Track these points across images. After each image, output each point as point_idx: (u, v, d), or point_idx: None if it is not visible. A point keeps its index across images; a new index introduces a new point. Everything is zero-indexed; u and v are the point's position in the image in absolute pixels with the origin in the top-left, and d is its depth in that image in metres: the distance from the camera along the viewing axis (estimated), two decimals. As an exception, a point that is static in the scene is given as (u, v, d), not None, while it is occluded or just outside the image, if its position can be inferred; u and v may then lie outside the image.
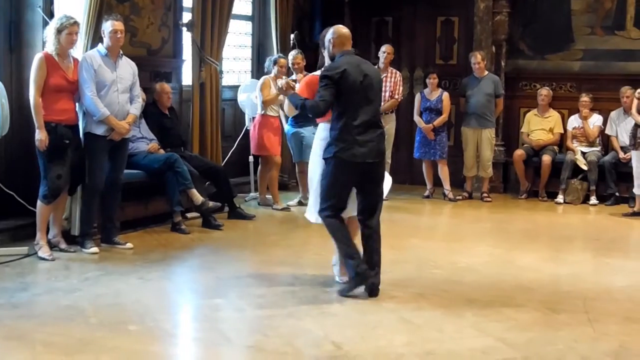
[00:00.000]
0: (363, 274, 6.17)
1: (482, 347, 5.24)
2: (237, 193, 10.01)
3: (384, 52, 11.04)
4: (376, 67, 10.89)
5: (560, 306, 6.19)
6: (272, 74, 10.13)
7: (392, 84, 10.98)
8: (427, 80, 11.35)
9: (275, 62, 10.16)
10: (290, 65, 10.35)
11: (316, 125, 9.89)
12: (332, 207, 6.28)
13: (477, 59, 11.14)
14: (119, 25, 7.57)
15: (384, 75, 10.98)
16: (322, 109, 6.22)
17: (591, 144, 11.26)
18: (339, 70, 6.15)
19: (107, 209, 7.85)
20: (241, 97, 10.66)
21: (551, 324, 5.77)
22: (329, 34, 6.40)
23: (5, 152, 7.98)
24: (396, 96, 10.99)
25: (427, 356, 5.06)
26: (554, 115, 11.55)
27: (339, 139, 6.18)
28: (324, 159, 6.28)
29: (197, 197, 8.64)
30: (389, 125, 11.01)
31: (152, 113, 9.12)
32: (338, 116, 6.22)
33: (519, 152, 11.37)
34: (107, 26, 7.53)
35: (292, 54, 10.48)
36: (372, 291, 6.26)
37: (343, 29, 6.42)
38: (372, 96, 6.29)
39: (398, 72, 11.22)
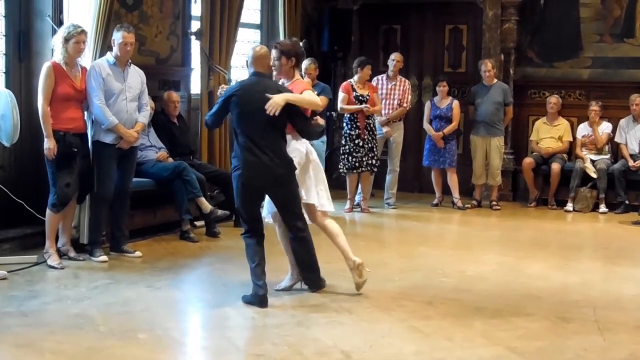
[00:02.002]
0: (262, 298, 6.22)
1: (491, 356, 5.23)
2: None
3: (393, 60, 11.05)
4: (385, 75, 11.02)
5: (570, 315, 6.17)
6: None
7: (400, 92, 10.98)
8: (437, 88, 11.34)
9: None
10: (302, 73, 10.32)
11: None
12: (248, 229, 6.43)
13: (487, 66, 11.14)
14: (130, 38, 7.58)
15: (393, 83, 11.00)
16: (209, 123, 6.66)
17: (600, 151, 11.24)
18: (231, 93, 6.36)
19: (116, 217, 7.87)
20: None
21: (561, 333, 5.75)
22: (248, 53, 6.54)
23: (14, 161, 8.01)
24: (404, 104, 10.99)
25: (436, 365, 5.07)
26: (563, 123, 11.53)
27: (235, 156, 6.40)
28: None
29: (206, 205, 8.65)
30: (397, 133, 11.03)
31: (160, 121, 9.14)
32: (234, 136, 6.44)
33: (528, 160, 11.35)
34: (118, 37, 7.55)
35: (305, 62, 10.47)
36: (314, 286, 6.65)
37: (260, 51, 6.51)
38: (266, 119, 6.24)
39: (407, 80, 11.22)
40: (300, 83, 6.63)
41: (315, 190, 6.62)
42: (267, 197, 6.60)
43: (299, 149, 6.54)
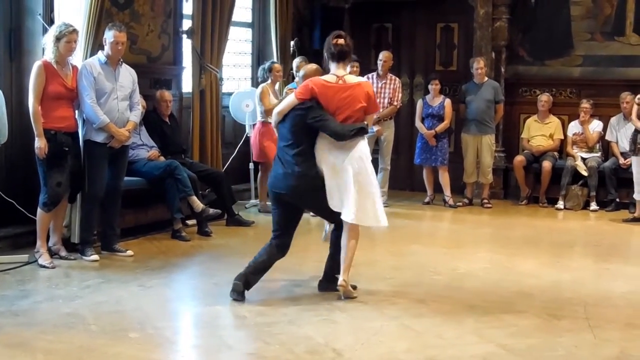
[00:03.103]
0: (235, 291, 6.33)
1: (483, 353, 5.24)
2: (237, 200, 10.02)
3: (381, 60, 11.04)
4: (375, 73, 11.02)
5: (561, 312, 6.19)
6: (269, 81, 10.14)
7: (391, 90, 10.98)
8: (430, 86, 11.35)
9: (270, 70, 10.15)
10: (294, 71, 10.31)
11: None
12: (274, 235, 6.50)
13: (480, 64, 11.15)
14: (121, 37, 7.56)
15: (383, 82, 10.98)
16: None
17: (591, 149, 11.27)
18: None
19: (107, 216, 7.85)
20: (247, 109, 10.57)
21: (552, 330, 5.77)
22: (300, 72, 6.89)
23: (5, 160, 7.99)
24: (395, 103, 11.00)
25: (427, 363, 5.07)
26: (554, 121, 11.55)
27: None
28: None
29: (198, 204, 8.65)
30: (388, 132, 11.02)
31: (152, 120, 9.13)
32: None
33: (519, 158, 11.38)
34: (109, 36, 7.53)
35: (296, 60, 10.48)
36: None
37: (311, 68, 6.74)
38: (288, 133, 6.41)
39: (397, 78, 11.21)
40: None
41: (338, 198, 6.34)
42: None
43: (322, 157, 6.39)
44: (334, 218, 6.46)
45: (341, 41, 6.48)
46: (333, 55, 6.47)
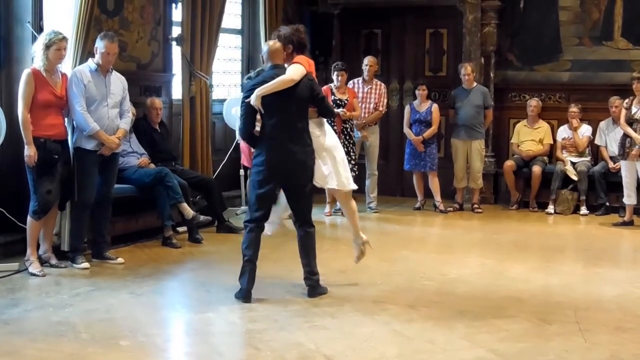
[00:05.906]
0: (246, 294, 6.45)
1: (473, 358, 5.25)
2: (228, 206, 10.02)
3: (367, 65, 11.05)
4: (361, 78, 11.03)
5: (552, 316, 6.20)
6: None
7: (376, 96, 10.99)
8: (417, 92, 11.36)
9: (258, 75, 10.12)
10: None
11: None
12: (252, 219, 6.61)
13: (467, 70, 11.18)
14: (112, 48, 7.55)
15: (369, 87, 10.99)
16: (242, 130, 6.69)
17: (581, 154, 11.30)
18: (252, 86, 6.60)
19: (97, 223, 7.84)
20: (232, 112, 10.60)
21: (542, 335, 5.78)
22: (263, 48, 6.85)
23: (-6, 168, 7.97)
24: (380, 108, 11.00)
25: (418, 368, 5.08)
26: (543, 126, 11.59)
27: (259, 146, 6.56)
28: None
29: (188, 211, 8.64)
30: (373, 137, 11.04)
31: (142, 128, 9.12)
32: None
33: (509, 163, 11.41)
34: (101, 45, 7.52)
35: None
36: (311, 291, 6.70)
37: (275, 45, 6.72)
38: (291, 108, 6.50)
39: (383, 84, 11.22)
40: (292, 63, 6.69)
41: (333, 174, 6.77)
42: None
43: (315, 133, 6.72)
44: (308, 209, 6.71)
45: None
46: (303, 48, 6.83)
